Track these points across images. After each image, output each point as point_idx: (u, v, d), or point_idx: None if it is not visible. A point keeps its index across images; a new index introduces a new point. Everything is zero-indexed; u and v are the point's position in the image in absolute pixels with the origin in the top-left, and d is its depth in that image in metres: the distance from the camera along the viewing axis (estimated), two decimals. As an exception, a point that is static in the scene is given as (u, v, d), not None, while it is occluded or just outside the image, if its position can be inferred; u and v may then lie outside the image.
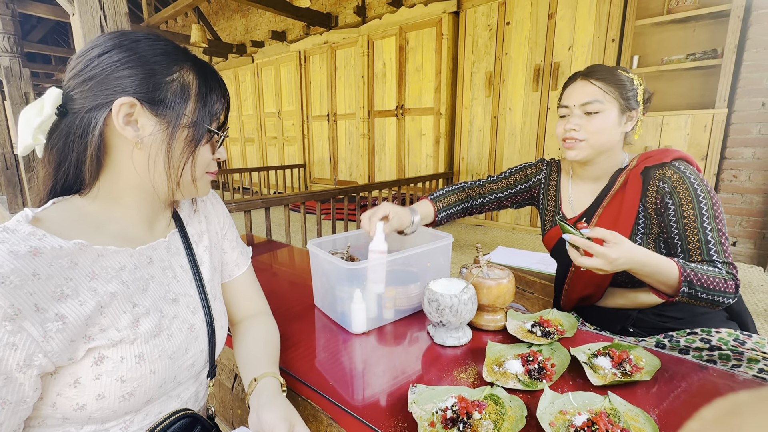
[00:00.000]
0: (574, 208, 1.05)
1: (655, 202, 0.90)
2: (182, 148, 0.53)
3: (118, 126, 0.49)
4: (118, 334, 0.47)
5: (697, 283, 0.76)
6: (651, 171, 0.91)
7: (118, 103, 0.48)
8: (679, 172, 0.87)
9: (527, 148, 3.71)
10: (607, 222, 0.95)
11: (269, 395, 0.56)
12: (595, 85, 0.92)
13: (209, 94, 0.55)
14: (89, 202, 0.53)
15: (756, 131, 2.65)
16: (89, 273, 0.46)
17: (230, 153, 7.50)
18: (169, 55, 0.52)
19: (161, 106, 0.51)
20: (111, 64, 0.49)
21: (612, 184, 0.97)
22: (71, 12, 1.39)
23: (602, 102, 0.91)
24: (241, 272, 0.75)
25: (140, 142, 0.51)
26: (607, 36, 3.11)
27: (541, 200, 1.14)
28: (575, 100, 0.94)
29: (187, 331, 0.57)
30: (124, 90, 0.49)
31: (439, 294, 0.75)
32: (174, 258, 0.60)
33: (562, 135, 0.96)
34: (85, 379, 0.46)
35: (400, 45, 4.37)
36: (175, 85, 0.52)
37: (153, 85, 0.50)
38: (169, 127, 0.52)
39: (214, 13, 7.15)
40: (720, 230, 0.83)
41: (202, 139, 0.55)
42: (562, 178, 1.11)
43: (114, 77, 0.49)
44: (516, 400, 0.59)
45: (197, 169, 0.56)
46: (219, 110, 0.57)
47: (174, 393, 0.58)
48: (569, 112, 0.95)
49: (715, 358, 0.84)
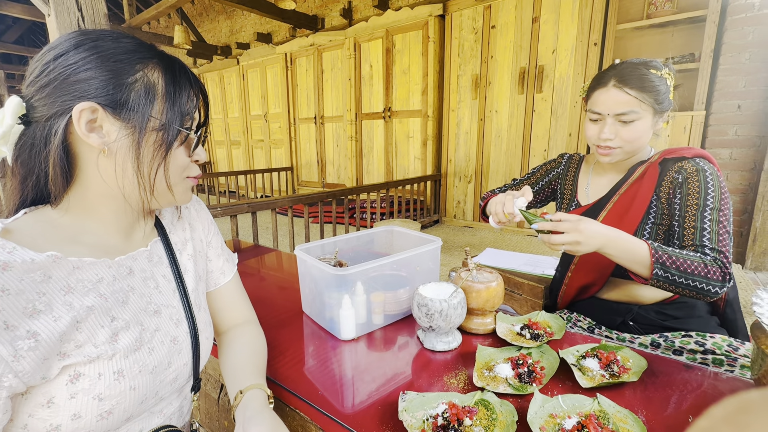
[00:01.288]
0: (590, 196, 1.06)
1: (668, 192, 0.90)
2: (152, 153, 0.50)
3: (81, 134, 0.46)
4: (95, 349, 0.45)
5: (672, 266, 0.75)
6: (669, 162, 0.92)
7: (78, 110, 0.45)
8: (697, 166, 0.87)
9: (514, 150, 3.75)
10: (620, 210, 0.96)
11: (255, 408, 0.54)
12: (630, 94, 0.88)
13: (178, 93, 0.51)
14: (62, 213, 0.50)
15: (732, 133, 2.73)
16: (64, 286, 0.44)
17: (216, 156, 7.40)
18: (132, 53, 0.48)
19: (124, 109, 0.47)
20: (68, 66, 0.45)
21: (630, 175, 0.97)
22: (47, 13, 1.34)
23: (638, 111, 0.89)
24: (227, 280, 0.73)
25: (107, 149, 0.48)
26: (589, 40, 3.17)
27: (558, 191, 1.16)
28: (609, 109, 0.90)
29: (170, 344, 0.55)
30: (84, 94, 0.45)
31: (429, 299, 0.75)
32: (156, 268, 0.58)
33: (596, 141, 0.95)
34: (60, 398, 0.43)
35: (387, 48, 4.38)
36: (139, 86, 0.48)
37: (114, 87, 0.46)
38: (135, 131, 0.48)
39: (198, 15, 7.06)
40: (721, 222, 0.81)
41: (174, 142, 0.51)
42: (582, 169, 1.12)
43: (72, 81, 0.45)
44: (506, 405, 0.59)
45: (172, 174, 0.53)
46: (191, 108, 0.53)
47: (156, 409, 0.55)
48: (602, 118, 0.93)
49: (708, 361, 0.84)
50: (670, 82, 0.92)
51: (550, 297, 1.17)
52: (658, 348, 0.91)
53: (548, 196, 1.21)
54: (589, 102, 0.97)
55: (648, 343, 0.93)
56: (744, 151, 2.72)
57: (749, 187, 2.74)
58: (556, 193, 1.18)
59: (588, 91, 0.99)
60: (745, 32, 2.61)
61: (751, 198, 2.73)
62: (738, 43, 2.64)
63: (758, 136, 2.66)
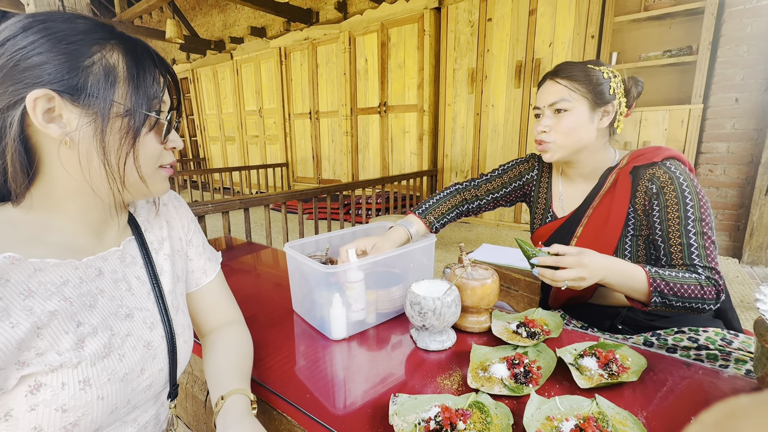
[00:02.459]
0: (564, 208, 1.03)
1: (643, 203, 0.88)
2: (119, 141, 0.46)
3: (38, 124, 0.42)
4: (58, 357, 0.42)
5: (669, 292, 0.75)
6: (641, 170, 0.89)
7: (32, 98, 0.41)
8: (669, 172, 0.84)
9: (510, 144, 3.72)
10: (597, 222, 0.94)
11: (236, 416, 0.51)
12: (560, 84, 0.90)
13: (142, 75, 0.47)
14: (24, 212, 0.46)
15: (730, 126, 2.72)
16: (23, 290, 0.41)
17: (210, 152, 7.33)
18: (88, 34, 0.44)
19: (83, 94, 0.43)
20: (17, 51, 0.41)
21: (602, 184, 0.95)
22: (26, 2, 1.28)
23: (569, 100, 0.89)
24: (209, 280, 0.70)
25: (68, 140, 0.44)
26: (586, 32, 3.14)
27: (532, 198, 1.12)
28: (544, 101, 0.93)
29: (143, 350, 0.51)
30: (37, 81, 0.41)
31: (422, 297, 0.72)
32: (129, 269, 0.54)
33: (535, 137, 0.96)
34: (18, 410, 0.40)
35: (382, 41, 4.33)
36: (97, 69, 0.44)
37: (69, 71, 0.42)
38: (97, 118, 0.44)
39: (191, 8, 6.95)
40: (705, 233, 0.80)
41: (142, 128, 0.47)
42: (554, 175, 1.09)
43: (22, 68, 0.41)
44: (502, 407, 0.57)
45: (144, 163, 0.49)
46: (158, 91, 0.49)
47: (129, 418, 0.52)
48: (541, 112, 0.94)
49: (702, 357, 0.83)
50: (609, 75, 0.91)
51: (541, 297, 1.15)
52: (652, 347, 0.89)
53: (517, 198, 1.16)
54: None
55: (641, 343, 0.91)
56: (741, 145, 2.70)
57: (746, 180, 2.73)
58: (528, 198, 1.14)
59: None
60: (744, 24, 2.59)
61: (749, 192, 2.72)
62: (736, 36, 2.62)
63: (756, 129, 2.65)
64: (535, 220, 1.11)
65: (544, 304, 1.11)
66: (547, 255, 0.75)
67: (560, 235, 1.01)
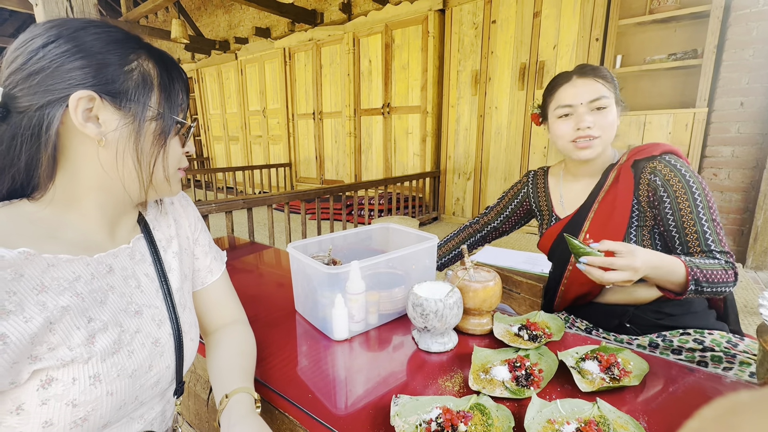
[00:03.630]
0: (566, 208, 1.05)
1: (647, 195, 0.90)
2: (152, 143, 0.50)
3: (78, 123, 0.44)
4: (69, 352, 0.43)
5: (703, 279, 0.78)
6: (641, 164, 0.92)
7: (76, 98, 0.43)
8: (669, 165, 0.88)
9: (513, 146, 3.72)
10: (603, 216, 0.95)
11: (241, 414, 0.52)
12: (599, 81, 0.92)
13: (172, 84, 0.51)
14: (41, 206, 0.47)
15: (735, 130, 2.70)
16: (37, 285, 0.41)
17: (214, 152, 7.36)
18: (122, 43, 0.47)
19: (124, 98, 0.47)
20: (59, 54, 0.43)
21: (604, 180, 0.97)
22: (34, 3, 1.30)
23: (608, 97, 0.92)
24: (214, 279, 0.70)
25: (104, 140, 0.47)
26: (591, 35, 3.13)
27: (534, 209, 1.16)
28: (582, 98, 0.92)
29: (151, 347, 0.52)
30: (80, 83, 0.44)
31: (424, 298, 0.73)
32: (138, 266, 0.55)
33: (572, 135, 0.94)
34: (30, 404, 0.41)
35: (386, 43, 4.34)
36: (136, 75, 0.47)
37: (111, 76, 0.46)
38: (135, 120, 0.48)
39: (196, 9, 6.99)
40: (714, 220, 0.84)
41: (171, 132, 0.52)
42: (551, 182, 1.11)
43: (65, 69, 0.44)
44: (503, 410, 0.57)
45: (169, 164, 0.53)
46: (184, 99, 0.53)
47: (136, 414, 0.53)
48: (573, 111, 0.93)
49: (707, 359, 0.83)
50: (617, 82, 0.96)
51: (547, 298, 1.15)
52: (657, 348, 0.90)
53: (522, 218, 1.21)
54: (553, 102, 0.98)
55: (646, 344, 0.91)
56: (746, 149, 2.69)
57: (751, 185, 2.72)
58: (533, 212, 1.18)
59: (546, 96, 1.00)
60: (749, 28, 2.58)
61: (753, 196, 2.70)
62: (742, 39, 2.61)
63: (761, 133, 2.63)
64: (542, 227, 1.14)
65: (549, 305, 1.11)
66: (597, 253, 0.74)
67: (568, 231, 1.02)
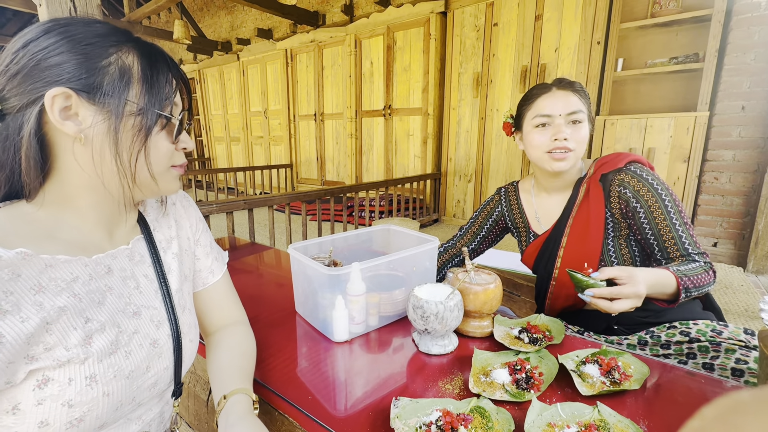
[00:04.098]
0: (542, 224, 1.07)
1: (620, 206, 0.93)
2: (131, 139, 0.48)
3: (55, 121, 0.44)
4: (66, 353, 0.43)
5: (691, 286, 0.81)
6: (608, 177, 0.95)
7: (50, 96, 0.43)
8: (636, 176, 0.91)
9: (514, 149, 3.72)
10: (578, 230, 0.97)
11: (238, 415, 0.52)
12: (576, 96, 0.94)
13: (156, 76, 0.49)
14: (38, 207, 0.48)
15: (736, 134, 2.70)
16: (34, 285, 0.41)
17: (215, 152, 7.37)
18: (106, 37, 0.46)
19: (99, 93, 0.45)
20: (38, 52, 0.43)
21: (576, 194, 0.99)
22: (38, 3, 1.31)
23: (584, 111, 0.94)
24: (215, 279, 0.70)
25: (83, 137, 0.46)
26: (592, 38, 3.14)
27: (511, 227, 1.17)
28: (561, 110, 0.93)
29: (149, 348, 0.52)
30: (56, 80, 0.43)
31: (424, 301, 0.73)
32: (137, 267, 0.55)
33: (548, 146, 0.94)
34: (26, 404, 0.41)
35: (388, 44, 4.35)
36: (113, 69, 0.46)
37: (87, 71, 0.44)
38: (111, 116, 0.46)
39: (199, 10, 7.01)
40: (686, 223, 0.89)
41: (153, 127, 0.49)
42: (523, 198, 1.12)
43: (42, 67, 0.43)
44: (503, 413, 0.57)
45: (155, 162, 0.51)
46: (170, 93, 0.51)
47: (134, 415, 0.53)
48: (551, 121, 0.94)
49: (694, 350, 0.85)
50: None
51: (537, 305, 1.16)
52: (646, 345, 0.91)
53: (497, 237, 1.21)
54: (530, 111, 0.98)
55: (636, 342, 0.92)
56: (747, 153, 2.69)
57: (752, 189, 2.71)
58: (508, 229, 1.18)
59: (524, 105, 1.00)
60: (751, 32, 2.58)
61: (754, 200, 2.70)
62: (743, 43, 2.61)
63: (762, 137, 2.63)
64: (521, 244, 1.15)
65: (540, 311, 1.12)
66: (600, 284, 0.75)
67: (548, 248, 1.04)
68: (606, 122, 3.15)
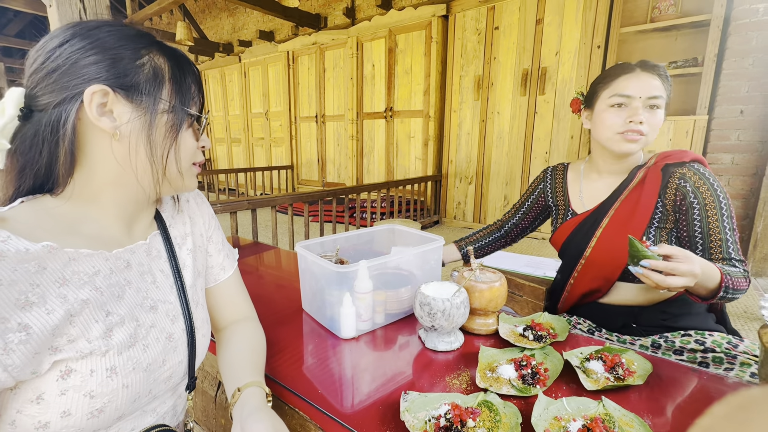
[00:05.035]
0: (585, 204, 1.06)
1: (674, 199, 0.91)
2: (164, 135, 0.51)
3: (92, 117, 0.46)
4: (88, 345, 0.44)
5: (731, 286, 0.79)
6: (670, 168, 0.93)
7: (90, 92, 0.45)
8: (698, 173, 0.89)
9: (515, 151, 3.74)
10: (623, 213, 0.96)
11: (254, 406, 0.53)
12: (659, 80, 0.91)
13: (183, 77, 0.52)
14: (62, 201, 0.49)
15: (735, 138, 2.73)
16: (59, 278, 0.43)
17: (216, 153, 7.38)
18: (134, 39, 0.49)
19: (135, 91, 0.48)
20: (74, 52, 0.45)
21: (631, 179, 0.97)
22: (48, 4, 1.33)
23: (663, 98, 0.91)
24: (227, 276, 0.71)
25: (118, 133, 0.48)
26: (593, 42, 3.17)
27: (551, 203, 1.16)
28: (642, 92, 0.90)
29: (165, 341, 0.53)
30: (94, 78, 0.46)
31: (431, 298, 0.74)
32: (154, 262, 0.56)
33: (622, 127, 0.92)
34: (50, 394, 0.42)
35: (390, 47, 4.38)
36: (147, 69, 0.49)
37: (123, 70, 0.47)
38: (147, 113, 0.49)
39: (201, 11, 7.04)
40: (734, 229, 0.87)
41: (183, 124, 0.52)
42: (570, 177, 1.12)
43: (80, 66, 0.45)
44: (510, 407, 0.58)
45: (183, 158, 0.54)
46: (195, 93, 0.54)
47: (149, 408, 0.54)
48: (629, 102, 0.91)
49: (708, 360, 0.84)
50: None
51: (551, 300, 1.16)
52: (659, 349, 0.91)
53: (539, 214, 1.22)
54: (608, 90, 0.95)
55: (648, 345, 0.92)
56: (746, 156, 2.71)
57: (751, 192, 2.73)
58: (550, 209, 1.19)
59: (601, 84, 0.97)
60: (749, 37, 2.61)
61: (753, 203, 2.72)
62: (741, 48, 2.63)
63: (760, 141, 2.66)
64: (556, 222, 1.14)
65: (553, 307, 1.12)
66: (657, 257, 0.74)
67: (585, 226, 1.02)
68: (606, 125, 3.17)
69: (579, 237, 1.03)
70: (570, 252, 1.07)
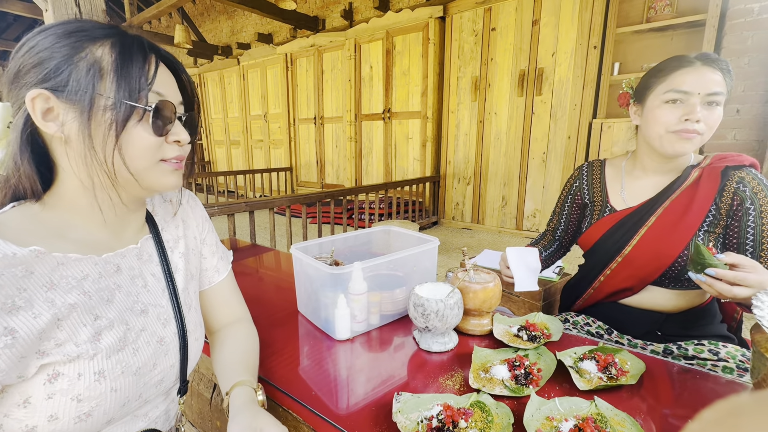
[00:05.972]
0: (627, 200, 1.00)
1: (731, 202, 0.87)
2: (104, 134, 0.45)
3: (39, 123, 0.44)
4: (76, 348, 0.44)
5: None
6: (728, 171, 0.88)
7: (29, 98, 0.43)
8: (757, 178, 0.86)
9: (512, 152, 3.75)
10: (673, 213, 0.92)
11: (238, 407, 0.53)
12: (721, 74, 0.83)
13: (126, 66, 0.45)
14: (48, 208, 0.49)
15: (731, 137, 2.73)
16: (46, 282, 0.43)
17: (215, 156, 7.39)
18: (77, 34, 0.45)
19: (66, 89, 0.44)
20: (21, 57, 0.44)
21: (684, 179, 0.92)
22: (44, 8, 1.33)
23: (724, 95, 0.84)
24: (221, 278, 0.72)
25: (62, 136, 0.45)
26: (589, 43, 3.18)
27: (587, 199, 1.09)
28: (701, 88, 0.82)
29: (156, 345, 0.53)
30: (32, 83, 0.44)
31: (425, 299, 0.74)
32: (145, 266, 0.56)
33: (677, 125, 0.85)
34: (37, 398, 0.42)
35: (387, 49, 4.39)
36: (82, 64, 0.44)
37: (56, 69, 0.44)
38: (83, 112, 0.44)
39: (199, 14, 7.06)
40: None
41: (128, 120, 0.46)
42: (608, 173, 1.06)
43: (22, 73, 0.44)
44: (502, 407, 0.58)
45: (137, 157, 0.48)
46: (145, 83, 0.46)
47: (140, 412, 0.54)
48: (686, 98, 0.84)
49: (718, 370, 0.83)
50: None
51: (569, 297, 1.11)
52: (670, 355, 0.90)
53: (580, 215, 1.13)
54: (663, 85, 0.88)
55: (660, 350, 0.91)
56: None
57: (748, 191, 2.74)
58: (586, 207, 1.10)
59: (655, 77, 0.90)
60: (744, 37, 2.62)
61: (750, 202, 2.72)
62: (737, 48, 2.64)
63: (757, 140, 2.66)
64: (591, 219, 1.07)
65: (569, 302, 1.09)
66: (724, 266, 0.70)
67: (627, 223, 0.97)
68: (603, 125, 3.18)
69: (618, 234, 0.97)
70: (605, 248, 1.00)
